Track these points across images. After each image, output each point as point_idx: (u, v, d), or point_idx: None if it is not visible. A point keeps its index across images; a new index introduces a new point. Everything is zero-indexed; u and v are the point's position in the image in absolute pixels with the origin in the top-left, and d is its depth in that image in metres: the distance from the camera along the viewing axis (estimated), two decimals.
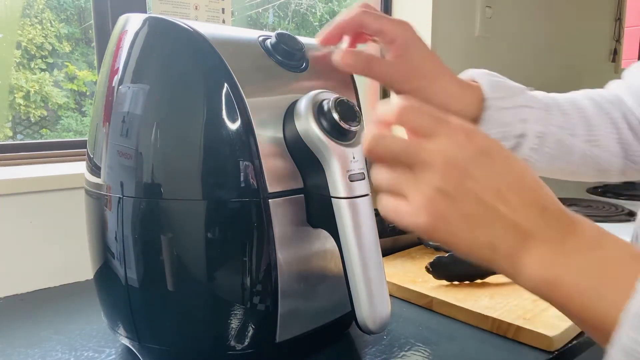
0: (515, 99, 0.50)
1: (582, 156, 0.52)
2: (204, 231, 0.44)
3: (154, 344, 0.47)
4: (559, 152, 0.52)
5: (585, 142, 0.52)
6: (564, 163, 0.52)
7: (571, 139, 0.52)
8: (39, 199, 0.73)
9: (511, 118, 0.49)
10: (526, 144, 0.50)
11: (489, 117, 0.48)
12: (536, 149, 0.51)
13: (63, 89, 1.10)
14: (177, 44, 0.44)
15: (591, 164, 0.53)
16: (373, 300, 0.43)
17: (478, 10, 1.37)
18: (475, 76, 0.51)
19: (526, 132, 0.50)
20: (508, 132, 0.49)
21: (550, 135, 0.51)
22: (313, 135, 0.42)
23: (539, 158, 0.51)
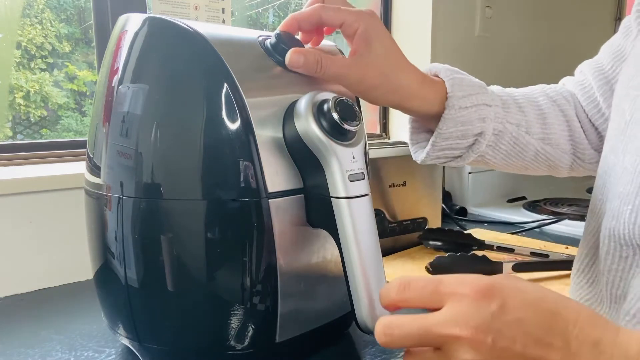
0: (476, 97, 0.50)
1: (535, 153, 0.53)
2: (204, 231, 0.44)
3: (154, 344, 0.47)
4: (513, 149, 0.52)
5: (539, 140, 0.53)
6: (517, 159, 0.53)
7: (526, 136, 0.52)
8: (39, 199, 0.73)
9: (471, 117, 0.49)
10: (483, 142, 0.50)
11: (450, 117, 0.48)
12: (492, 146, 0.51)
13: (63, 89, 1.10)
14: (177, 44, 0.44)
15: (543, 161, 0.54)
16: (373, 301, 0.43)
17: (478, 10, 1.37)
18: (438, 71, 0.50)
19: (484, 130, 0.50)
20: (468, 130, 0.49)
21: (507, 133, 0.51)
22: (313, 135, 0.42)
23: (494, 155, 0.52)
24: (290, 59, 0.44)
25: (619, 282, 0.39)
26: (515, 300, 0.28)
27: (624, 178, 0.39)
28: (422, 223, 0.89)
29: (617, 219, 0.39)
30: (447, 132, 0.48)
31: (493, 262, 0.70)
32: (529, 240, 0.92)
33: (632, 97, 0.40)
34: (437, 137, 0.49)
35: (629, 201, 0.38)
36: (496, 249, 0.81)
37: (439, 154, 0.51)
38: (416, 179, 0.87)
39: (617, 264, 0.39)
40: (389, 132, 1.38)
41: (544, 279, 0.71)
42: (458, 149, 0.50)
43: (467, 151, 0.50)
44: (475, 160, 0.52)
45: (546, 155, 0.54)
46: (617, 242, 0.39)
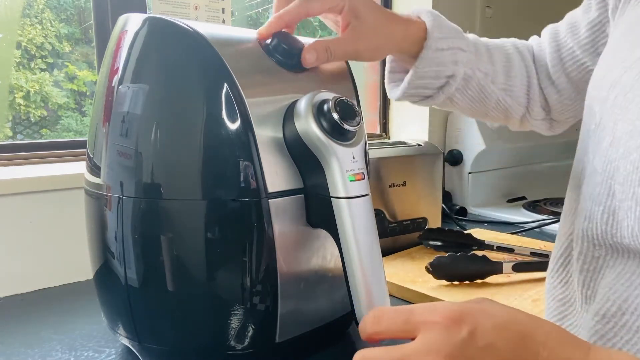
0: (452, 40, 0.53)
1: (496, 102, 0.57)
2: (204, 231, 0.44)
3: (154, 344, 0.47)
4: (478, 95, 0.56)
5: (501, 90, 0.57)
6: (480, 105, 0.57)
7: (492, 85, 0.56)
8: (39, 199, 0.73)
9: (446, 58, 0.52)
10: (454, 84, 0.53)
11: (427, 57, 0.51)
12: (461, 90, 0.55)
13: (63, 89, 1.10)
14: (177, 44, 0.44)
15: (502, 110, 0.58)
16: (373, 301, 0.43)
17: (478, 10, 1.37)
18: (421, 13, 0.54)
19: (456, 73, 0.53)
20: (440, 71, 0.52)
21: (475, 79, 0.55)
22: (313, 135, 0.42)
23: (461, 98, 0.56)
24: (306, 59, 0.47)
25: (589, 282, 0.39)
26: (486, 325, 0.29)
27: (594, 179, 0.39)
28: (422, 223, 0.89)
29: (590, 220, 0.39)
30: (422, 71, 0.52)
31: (493, 262, 0.70)
32: (529, 240, 0.92)
33: (602, 99, 0.40)
34: (413, 76, 0.52)
35: (600, 202, 0.38)
36: (496, 249, 0.81)
37: (412, 92, 0.54)
38: (416, 179, 0.87)
39: (589, 264, 0.39)
40: (389, 132, 1.38)
41: (544, 279, 0.71)
42: (430, 89, 0.54)
43: (437, 91, 0.54)
44: (444, 103, 0.56)
45: (505, 105, 0.58)
46: (590, 242, 0.39)
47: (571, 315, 0.42)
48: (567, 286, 0.43)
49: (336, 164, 0.42)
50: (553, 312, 0.44)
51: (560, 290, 0.44)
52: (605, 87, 0.40)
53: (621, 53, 0.41)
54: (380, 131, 1.37)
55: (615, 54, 0.42)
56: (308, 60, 0.47)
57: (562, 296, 0.44)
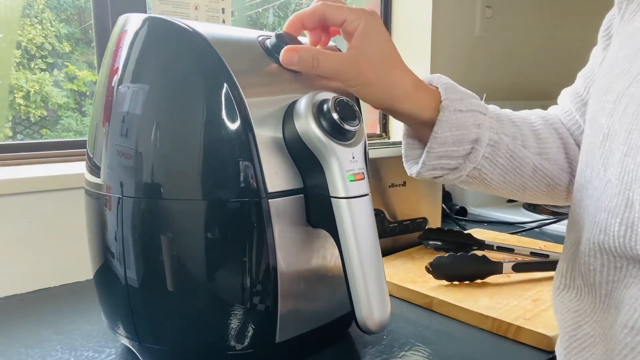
0: (470, 102, 0.49)
1: (533, 169, 0.52)
2: (204, 231, 0.44)
3: (154, 344, 0.47)
4: (511, 163, 0.50)
5: (536, 154, 0.52)
6: (515, 175, 0.51)
7: (523, 150, 0.51)
8: (39, 199, 0.73)
9: (466, 121, 0.48)
10: (480, 151, 0.48)
11: (446, 118, 0.47)
12: (489, 158, 0.49)
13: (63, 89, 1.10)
14: (176, 44, 0.44)
15: (541, 178, 0.52)
16: (373, 301, 0.43)
17: (478, 10, 1.37)
18: (432, 79, 0.50)
19: (480, 137, 0.48)
20: (464, 135, 0.48)
21: (503, 144, 0.50)
22: (313, 135, 0.42)
23: (491, 169, 0.50)
24: (284, 57, 0.44)
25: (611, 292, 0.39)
26: None
27: (608, 191, 0.38)
28: (422, 223, 0.89)
29: (606, 233, 0.38)
30: (442, 136, 0.47)
31: (493, 262, 0.70)
32: (529, 240, 0.92)
33: (609, 111, 0.39)
34: (433, 142, 0.48)
35: (617, 214, 0.37)
36: (496, 249, 0.81)
37: (434, 164, 0.49)
38: (416, 179, 0.87)
39: (612, 275, 0.38)
40: (389, 132, 1.38)
41: (544, 279, 0.71)
42: (454, 158, 0.49)
43: (463, 161, 0.49)
44: (472, 176, 0.51)
45: (544, 172, 0.52)
46: (609, 254, 0.38)
47: (587, 325, 0.41)
48: (581, 299, 0.43)
49: (336, 164, 0.42)
50: (567, 322, 0.43)
51: (574, 302, 0.43)
52: (611, 99, 0.39)
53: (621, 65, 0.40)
54: (380, 131, 1.37)
55: (615, 68, 0.41)
56: (286, 61, 0.44)
57: (576, 307, 0.43)
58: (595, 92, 0.43)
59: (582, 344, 0.41)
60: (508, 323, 0.57)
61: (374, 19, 0.46)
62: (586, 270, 0.41)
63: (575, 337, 0.42)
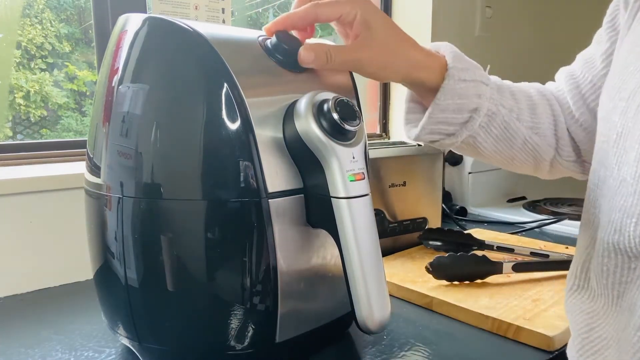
0: (474, 72, 0.50)
1: (523, 142, 0.54)
2: (204, 231, 0.44)
3: (154, 344, 0.47)
4: (503, 134, 0.53)
5: (528, 128, 0.54)
6: (506, 146, 0.53)
7: (517, 123, 0.53)
8: (39, 199, 0.73)
9: (469, 91, 0.50)
10: (477, 120, 0.50)
11: (449, 87, 0.49)
12: (485, 127, 0.51)
13: (63, 89, 1.10)
14: (177, 44, 0.44)
15: (530, 151, 0.55)
16: (373, 301, 0.43)
17: (478, 10, 1.37)
18: (440, 47, 0.52)
19: (479, 107, 0.50)
20: (464, 104, 0.50)
21: (499, 115, 0.52)
22: (313, 135, 0.42)
23: (485, 137, 0.52)
24: (302, 57, 0.46)
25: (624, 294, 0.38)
26: None
27: (622, 190, 0.38)
28: (422, 223, 0.89)
29: (621, 233, 0.38)
30: (444, 103, 0.49)
31: (493, 262, 0.70)
32: (529, 240, 0.92)
33: (622, 109, 0.39)
34: (434, 108, 0.49)
35: (632, 213, 0.37)
36: (496, 249, 0.81)
37: (433, 128, 0.51)
38: (416, 179, 0.87)
39: (626, 276, 0.38)
40: (389, 132, 1.38)
41: (544, 279, 0.71)
42: (452, 125, 0.51)
43: (460, 128, 0.51)
44: (467, 143, 0.53)
45: (533, 145, 0.54)
46: (623, 254, 0.38)
47: (599, 327, 0.41)
48: (594, 300, 0.42)
49: (336, 164, 0.42)
50: (580, 324, 0.43)
51: (587, 304, 0.43)
52: (624, 97, 0.39)
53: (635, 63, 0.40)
54: (380, 131, 1.37)
55: (628, 66, 0.41)
56: (304, 60, 0.46)
57: (589, 309, 0.43)
58: (608, 89, 0.43)
59: (595, 346, 0.41)
60: (508, 323, 0.57)
61: (368, 4, 0.47)
62: (599, 271, 0.40)
63: (588, 340, 0.42)
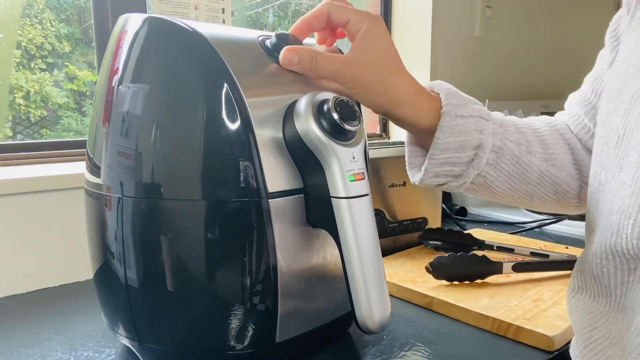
0: (472, 108, 0.48)
1: (539, 175, 0.50)
2: (204, 231, 0.44)
3: (154, 344, 0.47)
4: (516, 169, 0.49)
5: (542, 160, 0.51)
6: (521, 182, 0.50)
7: (528, 156, 0.50)
8: (39, 199, 0.73)
9: (468, 127, 0.47)
10: (483, 157, 0.48)
11: (447, 124, 0.47)
12: (493, 164, 0.49)
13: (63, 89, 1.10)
14: (177, 44, 0.44)
15: (549, 185, 0.51)
16: (373, 301, 0.43)
17: (478, 10, 1.37)
18: (433, 86, 0.50)
19: (483, 143, 0.47)
20: (466, 141, 0.47)
21: (507, 150, 0.49)
22: (313, 135, 0.42)
23: (496, 175, 0.49)
24: (283, 57, 0.45)
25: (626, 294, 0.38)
26: None
27: (621, 192, 0.38)
28: (422, 223, 0.89)
29: (618, 234, 0.38)
30: (443, 142, 0.47)
31: (493, 262, 0.70)
32: (529, 240, 0.92)
33: (624, 111, 0.39)
34: (434, 149, 0.47)
35: (630, 215, 0.36)
36: (496, 249, 0.81)
37: (437, 170, 0.49)
38: None
39: (626, 276, 0.38)
40: (389, 132, 1.38)
41: (544, 279, 0.71)
42: (457, 165, 0.48)
43: (467, 168, 0.48)
44: (477, 183, 0.50)
45: (551, 178, 0.51)
46: (622, 256, 0.38)
47: (602, 327, 0.41)
48: (596, 300, 0.42)
49: (336, 164, 0.42)
50: (582, 324, 0.43)
51: (590, 304, 0.43)
52: (626, 99, 0.39)
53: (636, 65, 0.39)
54: (380, 131, 1.37)
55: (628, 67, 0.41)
56: (285, 61, 0.44)
57: (591, 309, 0.42)
58: (608, 92, 0.42)
59: (597, 346, 0.41)
60: (508, 323, 0.57)
61: (377, 23, 0.46)
62: (599, 272, 0.40)
63: (591, 340, 0.42)
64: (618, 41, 0.48)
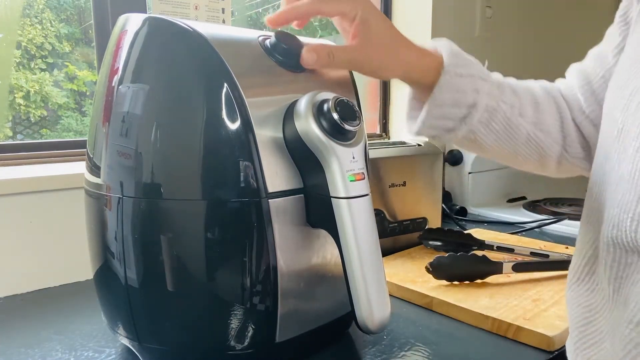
0: (471, 68, 0.51)
1: (527, 137, 0.53)
2: (204, 231, 0.44)
3: (154, 344, 0.47)
4: (505, 130, 0.52)
5: (531, 123, 0.53)
6: (509, 142, 0.53)
7: (519, 118, 0.53)
8: (39, 199, 0.73)
9: (465, 86, 0.50)
10: (476, 115, 0.51)
11: (445, 82, 0.49)
12: (485, 123, 0.51)
13: (63, 89, 1.10)
14: (177, 44, 0.44)
15: (534, 147, 0.54)
16: (373, 301, 0.43)
17: (478, 10, 1.37)
18: (437, 45, 0.52)
19: (477, 102, 0.50)
20: (461, 99, 0.50)
21: (500, 111, 0.52)
22: (313, 135, 0.42)
23: (486, 133, 0.52)
24: (305, 59, 0.46)
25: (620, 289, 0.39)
26: None
27: (621, 186, 0.38)
28: (422, 223, 0.89)
29: (618, 228, 0.38)
30: (440, 97, 0.50)
31: (493, 262, 0.70)
32: (529, 240, 0.92)
33: (623, 106, 0.40)
34: (431, 104, 0.50)
35: (629, 209, 0.37)
36: (496, 249, 0.81)
37: (432, 123, 0.51)
38: (416, 179, 0.87)
39: (622, 270, 0.39)
40: (389, 132, 1.38)
41: (544, 279, 0.71)
42: (451, 119, 0.51)
43: (459, 123, 0.51)
44: (468, 138, 0.53)
45: (537, 141, 0.54)
46: (621, 249, 0.38)
47: (596, 321, 0.42)
48: (593, 294, 0.43)
49: (336, 164, 0.42)
50: (578, 317, 0.44)
51: (586, 297, 0.43)
52: (626, 95, 0.40)
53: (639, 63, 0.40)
54: (380, 131, 1.37)
55: (634, 63, 0.41)
56: (307, 61, 0.46)
57: (587, 303, 0.43)
58: (613, 86, 0.43)
59: (591, 339, 0.42)
60: (508, 323, 0.57)
61: (368, 5, 0.48)
62: (598, 265, 0.41)
63: (585, 333, 0.42)
64: (627, 26, 0.49)
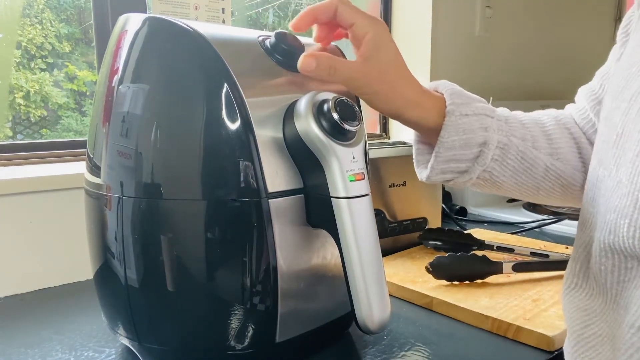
0: (476, 106, 0.49)
1: (545, 170, 0.51)
2: (204, 231, 0.44)
3: (154, 344, 0.47)
4: (521, 164, 0.50)
5: (547, 155, 0.51)
6: (527, 177, 0.51)
7: (534, 151, 0.51)
8: (39, 199, 0.73)
9: (473, 125, 0.48)
10: (489, 153, 0.49)
11: (452, 123, 0.47)
12: (499, 160, 0.49)
13: (63, 89, 1.10)
14: (177, 44, 0.44)
15: (555, 179, 0.52)
16: (373, 301, 0.43)
17: (478, 10, 1.37)
18: (438, 85, 0.51)
19: (488, 140, 0.48)
20: (470, 139, 0.48)
21: (512, 146, 0.50)
22: (313, 135, 0.42)
23: (502, 171, 0.50)
24: (302, 63, 0.45)
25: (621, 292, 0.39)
26: None
27: (618, 191, 0.38)
28: (422, 223, 0.89)
29: (615, 234, 0.38)
30: (449, 140, 0.48)
31: (493, 262, 0.70)
32: (529, 240, 0.92)
33: (624, 110, 0.39)
34: (440, 147, 0.48)
35: (626, 215, 0.37)
36: (496, 249, 0.81)
37: (443, 167, 0.49)
38: (416, 179, 0.86)
39: (623, 275, 0.38)
40: (389, 132, 1.38)
41: (544, 279, 0.71)
42: (463, 161, 0.49)
43: (472, 164, 0.49)
44: (483, 178, 0.51)
45: (557, 172, 0.52)
46: (619, 254, 0.38)
47: (595, 324, 0.42)
48: (592, 298, 0.42)
49: (336, 164, 0.42)
50: (576, 320, 0.43)
51: (585, 302, 0.43)
52: (627, 98, 0.39)
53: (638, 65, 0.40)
54: (380, 131, 1.37)
55: (632, 65, 0.41)
56: (304, 67, 0.44)
57: (586, 307, 0.43)
58: (612, 90, 0.43)
59: (589, 342, 0.41)
60: (508, 323, 0.57)
61: (384, 30, 0.47)
62: (597, 270, 0.41)
63: (583, 337, 0.42)
64: (628, 37, 0.48)
